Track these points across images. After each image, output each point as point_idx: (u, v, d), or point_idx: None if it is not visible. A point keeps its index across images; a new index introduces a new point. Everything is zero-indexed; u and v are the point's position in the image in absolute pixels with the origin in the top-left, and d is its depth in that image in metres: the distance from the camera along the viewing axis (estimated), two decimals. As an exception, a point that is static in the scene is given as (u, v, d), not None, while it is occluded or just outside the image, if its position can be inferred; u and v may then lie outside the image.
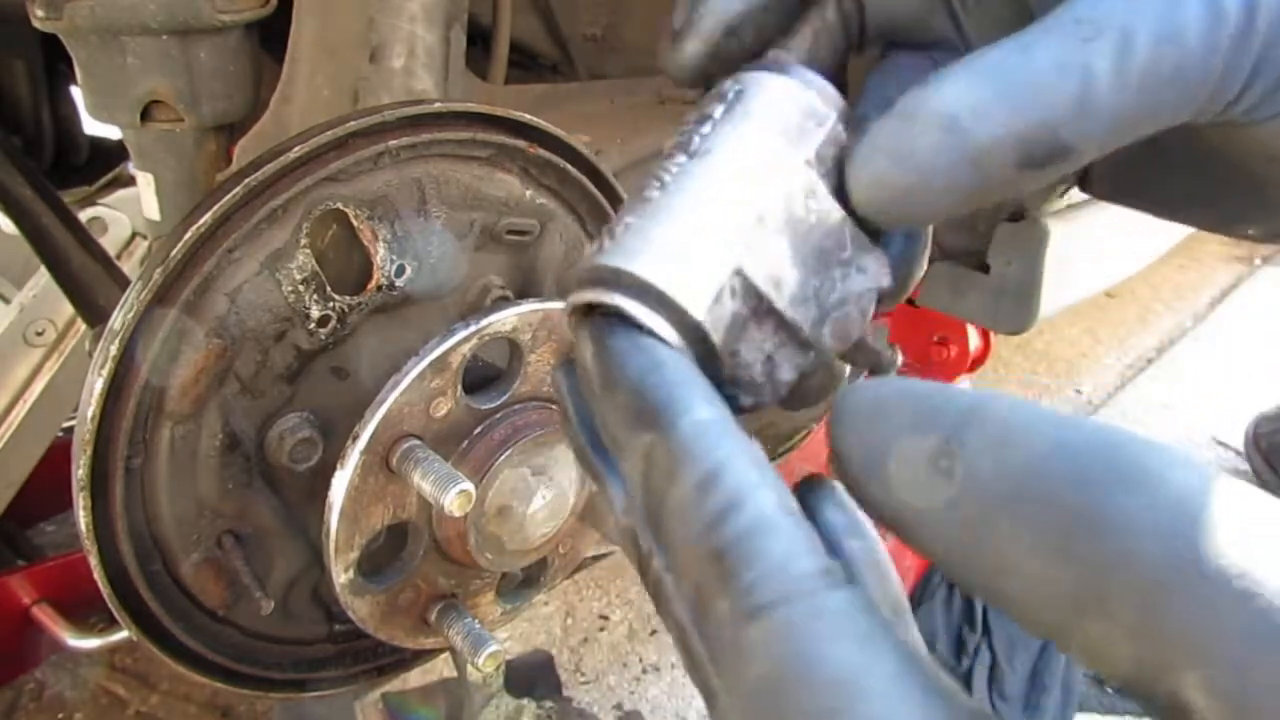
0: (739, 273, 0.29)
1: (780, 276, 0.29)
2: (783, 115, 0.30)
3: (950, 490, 0.23)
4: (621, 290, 0.28)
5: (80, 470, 0.67)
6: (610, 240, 0.29)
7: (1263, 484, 2.34)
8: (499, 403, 0.76)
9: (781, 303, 0.29)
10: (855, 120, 0.32)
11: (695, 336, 0.28)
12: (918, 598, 1.97)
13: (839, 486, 0.29)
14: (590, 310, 0.29)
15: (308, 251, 0.72)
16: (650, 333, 0.28)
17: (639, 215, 0.29)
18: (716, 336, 0.28)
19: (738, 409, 0.30)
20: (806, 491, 0.29)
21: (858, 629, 0.22)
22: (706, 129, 0.31)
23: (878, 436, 0.25)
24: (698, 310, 0.28)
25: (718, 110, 0.31)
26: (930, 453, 0.24)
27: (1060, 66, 0.27)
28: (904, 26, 0.35)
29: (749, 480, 0.24)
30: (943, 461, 0.23)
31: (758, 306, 0.29)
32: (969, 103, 0.27)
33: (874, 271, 0.31)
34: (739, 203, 0.29)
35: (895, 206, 0.29)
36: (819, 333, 0.30)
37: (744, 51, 0.33)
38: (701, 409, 0.26)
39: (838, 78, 0.35)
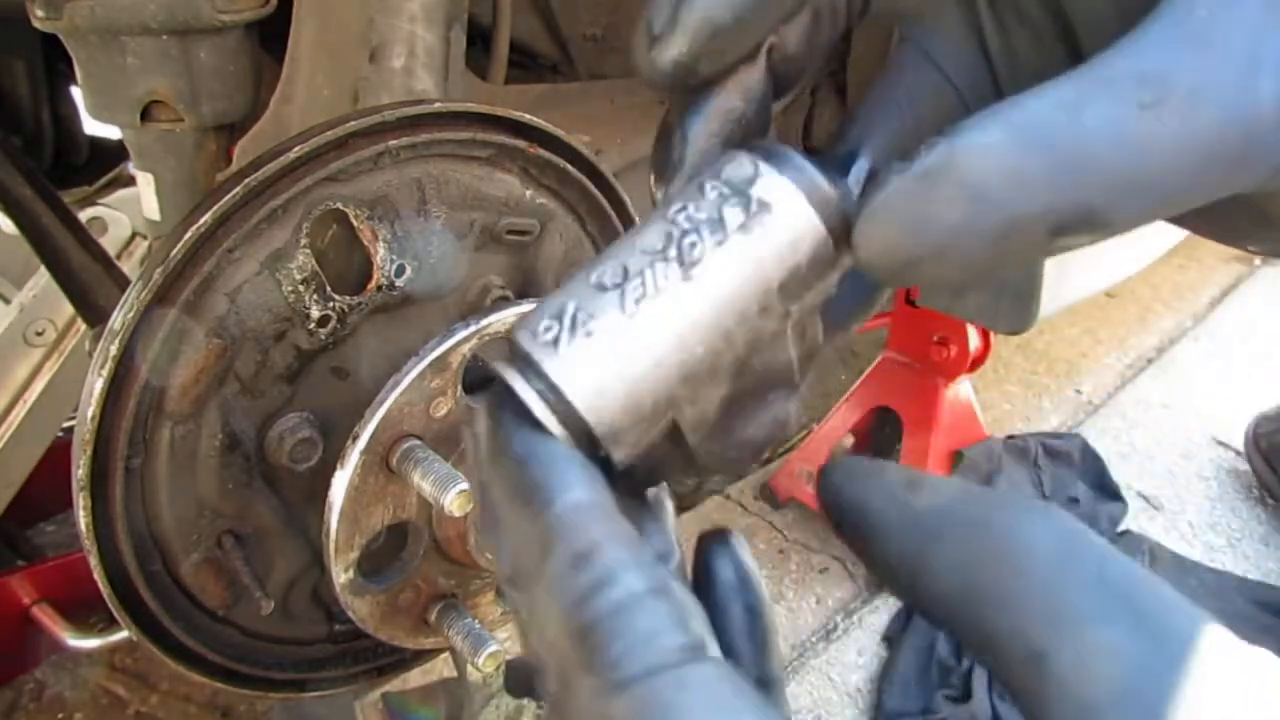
0: (671, 422, 0.29)
1: (706, 419, 0.30)
2: (791, 253, 0.28)
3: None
4: (544, 402, 0.28)
5: (80, 470, 0.67)
6: (568, 333, 0.28)
7: (1262, 484, 2.34)
8: (499, 403, 0.76)
9: (695, 441, 0.30)
10: (861, 156, 0.31)
11: (593, 453, 0.28)
12: (918, 598, 1.97)
13: (737, 540, 0.31)
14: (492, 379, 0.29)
15: (308, 251, 0.72)
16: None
17: (602, 323, 0.28)
18: (618, 456, 0.29)
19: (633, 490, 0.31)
20: (707, 545, 0.30)
21: (720, 700, 0.22)
22: (712, 240, 0.28)
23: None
24: (617, 453, 0.28)
25: (732, 219, 0.28)
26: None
27: (1116, 138, 0.23)
28: (912, 10, 0.33)
29: (619, 560, 0.24)
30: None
31: (673, 437, 0.30)
32: (1003, 171, 0.24)
33: (789, 417, 0.31)
34: (704, 355, 0.28)
35: (902, 273, 0.26)
36: (716, 459, 0.31)
37: (731, 52, 0.30)
38: (579, 490, 0.26)
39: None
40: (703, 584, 0.31)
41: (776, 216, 0.28)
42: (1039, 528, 0.26)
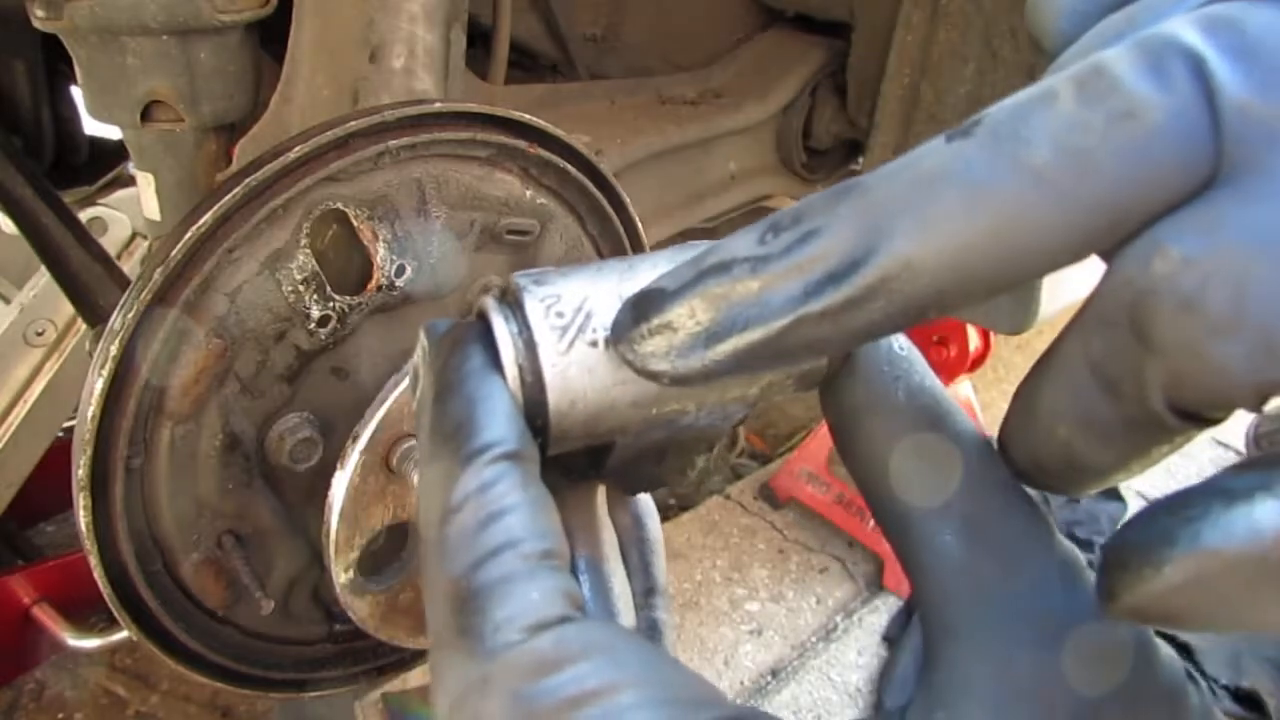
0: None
1: (633, 453, 0.32)
2: None
3: None
4: (517, 367, 0.29)
5: (80, 470, 0.67)
6: (576, 331, 0.29)
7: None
8: (499, 403, 0.76)
9: (612, 464, 0.32)
10: None
11: (537, 408, 0.29)
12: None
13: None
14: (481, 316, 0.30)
15: (308, 251, 0.72)
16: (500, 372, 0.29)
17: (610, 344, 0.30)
18: (548, 451, 0.30)
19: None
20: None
21: (605, 643, 0.24)
22: None
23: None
24: (550, 448, 0.30)
25: None
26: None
27: None
28: None
29: (513, 535, 0.25)
30: None
31: (596, 450, 0.32)
32: None
33: (696, 467, 0.34)
34: (671, 411, 0.31)
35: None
36: (618, 478, 0.34)
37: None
38: (510, 443, 0.27)
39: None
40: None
41: None
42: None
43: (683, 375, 0.26)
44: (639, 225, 0.89)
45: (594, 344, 0.29)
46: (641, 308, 0.26)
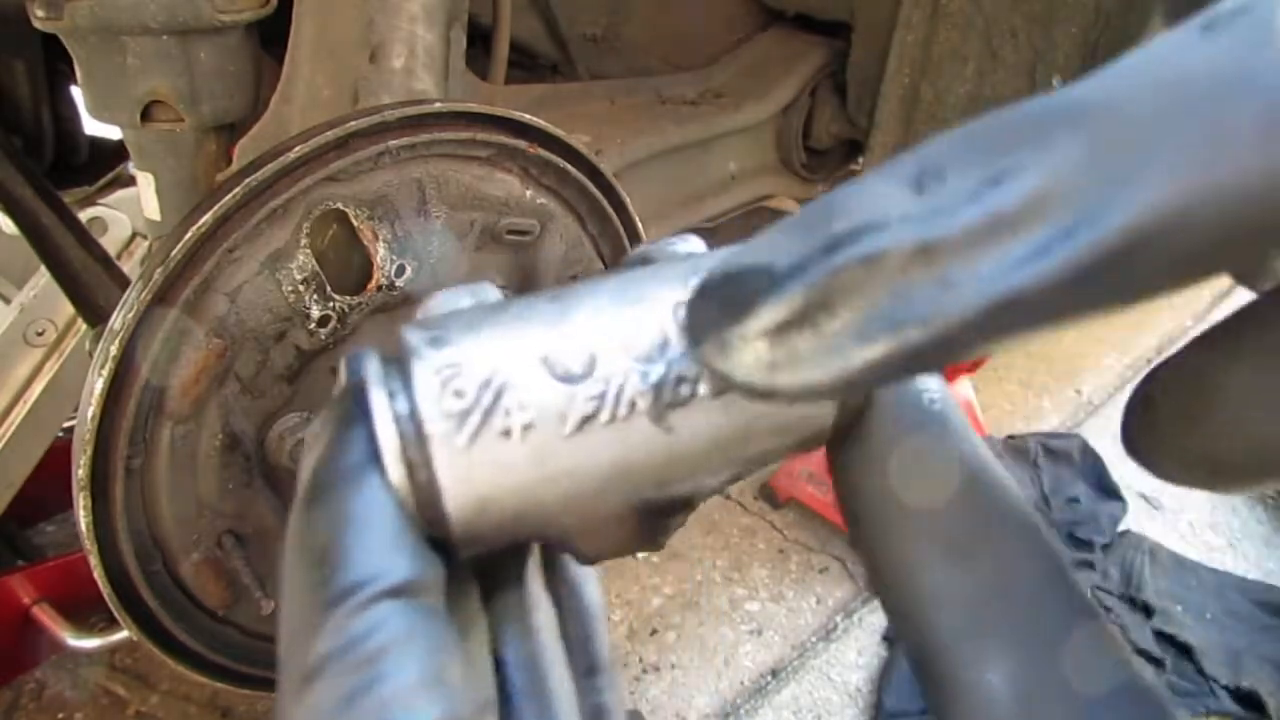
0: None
1: (584, 536, 0.26)
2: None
3: None
4: (405, 466, 0.22)
5: (80, 470, 0.67)
6: (481, 416, 0.22)
7: (1263, 484, 2.33)
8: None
9: (562, 547, 0.26)
10: None
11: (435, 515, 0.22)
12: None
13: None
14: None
15: (308, 251, 0.72)
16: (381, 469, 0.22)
17: (538, 433, 0.22)
18: (462, 554, 0.23)
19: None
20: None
21: None
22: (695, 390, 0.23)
23: None
24: (463, 551, 0.23)
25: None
26: None
27: None
28: None
29: (411, 697, 0.18)
30: None
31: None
32: None
33: (667, 533, 0.27)
34: (616, 502, 0.24)
35: None
36: (577, 555, 0.27)
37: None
38: (391, 577, 0.20)
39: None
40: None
41: None
42: None
43: (816, 389, 0.18)
44: (639, 225, 0.89)
45: (506, 433, 0.21)
46: (738, 297, 0.18)
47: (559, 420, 0.22)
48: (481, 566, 0.24)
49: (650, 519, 0.24)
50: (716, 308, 0.19)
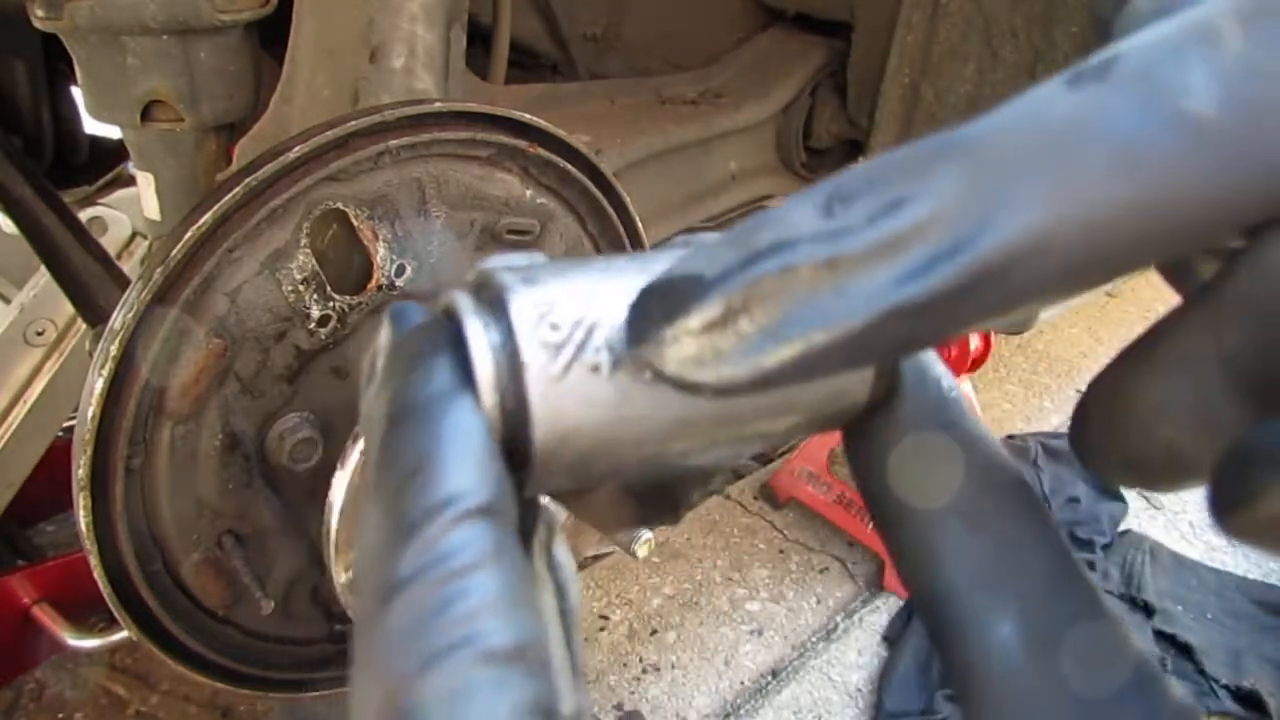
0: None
1: (615, 494, 0.28)
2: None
3: None
4: (498, 393, 0.23)
5: (80, 470, 0.67)
6: (574, 350, 0.23)
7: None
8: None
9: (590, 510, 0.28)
10: None
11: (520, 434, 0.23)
12: (918, 598, 1.97)
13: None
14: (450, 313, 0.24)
15: (308, 251, 0.72)
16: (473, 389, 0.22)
17: (620, 374, 0.23)
18: (526, 492, 0.24)
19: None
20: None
21: None
22: None
23: None
24: (529, 489, 0.24)
25: None
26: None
27: None
28: None
29: (494, 616, 0.19)
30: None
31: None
32: None
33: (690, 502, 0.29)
34: (676, 451, 0.26)
35: None
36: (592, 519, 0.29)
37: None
38: (481, 494, 0.21)
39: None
40: None
41: None
42: None
43: (731, 385, 0.20)
44: (639, 225, 0.89)
45: (595, 369, 0.23)
46: (671, 300, 0.21)
47: (640, 365, 0.23)
48: None
49: (674, 488, 0.26)
50: (654, 308, 0.21)
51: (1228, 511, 0.20)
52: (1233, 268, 0.20)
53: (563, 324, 0.23)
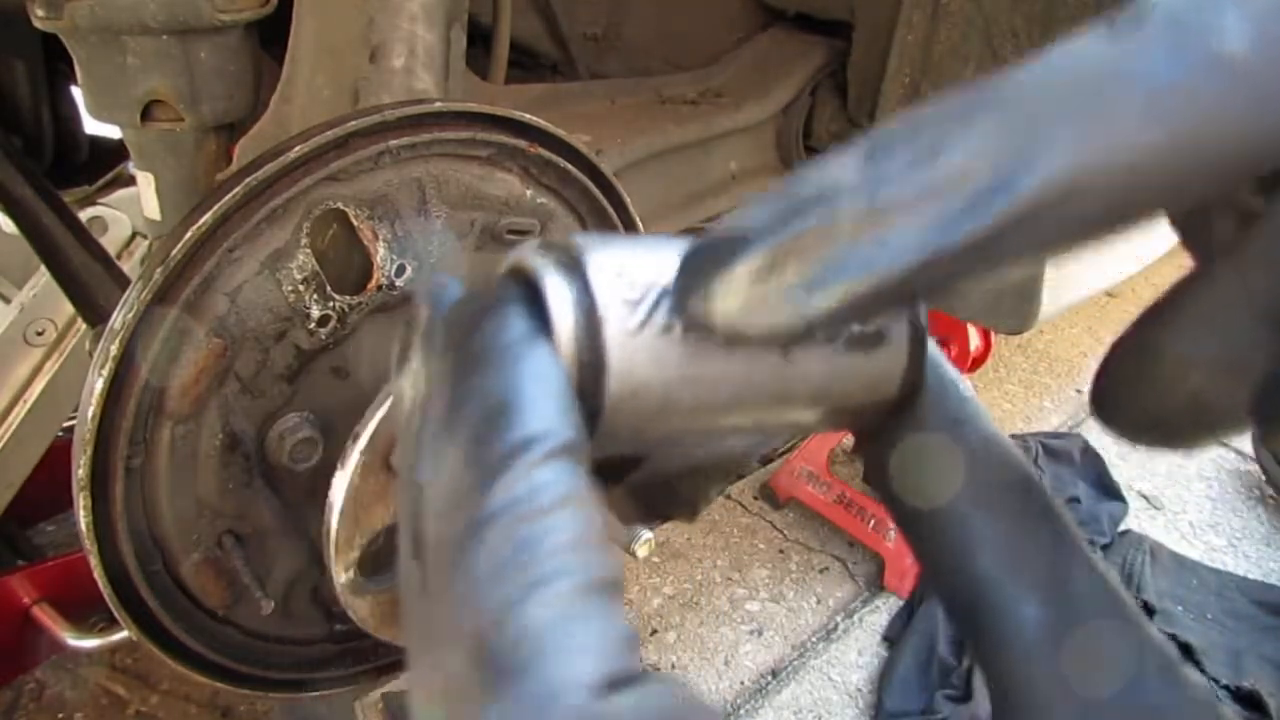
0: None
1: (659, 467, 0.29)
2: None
3: None
4: (576, 340, 0.23)
5: (80, 470, 0.67)
6: (648, 311, 0.24)
7: (1270, 479, 2.33)
8: (499, 402, 0.76)
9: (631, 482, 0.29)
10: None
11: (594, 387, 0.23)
12: (919, 596, 1.97)
13: None
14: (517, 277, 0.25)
15: (308, 251, 0.72)
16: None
17: (697, 341, 0.24)
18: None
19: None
20: None
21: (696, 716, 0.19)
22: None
23: None
24: (593, 449, 0.23)
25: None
26: None
27: None
28: None
29: (583, 549, 0.19)
30: None
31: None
32: None
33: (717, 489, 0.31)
34: (736, 423, 0.27)
35: None
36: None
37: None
38: (563, 433, 0.21)
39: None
40: None
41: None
42: None
43: (775, 334, 0.21)
44: (639, 225, 0.89)
45: (668, 328, 0.23)
46: (719, 254, 0.21)
47: (694, 322, 0.23)
48: None
49: (701, 477, 0.27)
50: (703, 263, 0.21)
51: (1274, 428, 0.21)
52: (1265, 216, 0.21)
53: (638, 283, 0.24)
